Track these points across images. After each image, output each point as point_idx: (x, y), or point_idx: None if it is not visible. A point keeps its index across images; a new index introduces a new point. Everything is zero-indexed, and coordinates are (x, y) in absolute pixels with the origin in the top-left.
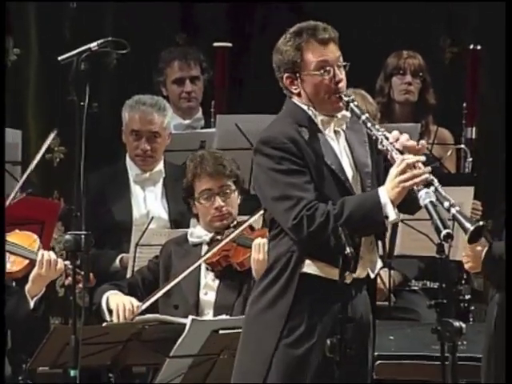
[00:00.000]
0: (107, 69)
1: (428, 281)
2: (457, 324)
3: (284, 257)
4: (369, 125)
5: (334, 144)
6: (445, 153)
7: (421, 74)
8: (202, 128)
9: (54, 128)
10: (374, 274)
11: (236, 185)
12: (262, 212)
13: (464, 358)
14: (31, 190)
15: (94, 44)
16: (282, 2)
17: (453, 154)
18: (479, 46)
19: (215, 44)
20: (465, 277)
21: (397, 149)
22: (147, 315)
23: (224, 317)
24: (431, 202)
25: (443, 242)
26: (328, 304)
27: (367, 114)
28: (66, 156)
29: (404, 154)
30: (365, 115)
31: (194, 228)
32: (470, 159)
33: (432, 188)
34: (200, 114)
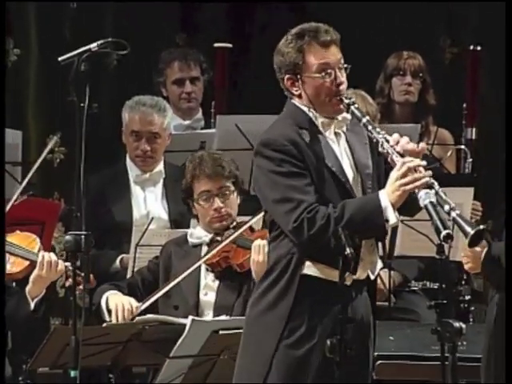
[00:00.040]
0: (107, 69)
1: (428, 281)
2: (457, 324)
3: (284, 259)
4: (369, 128)
5: (335, 146)
6: (445, 153)
7: (421, 74)
8: (202, 128)
9: (55, 129)
10: (375, 275)
11: (235, 186)
12: (262, 214)
13: (464, 358)
14: (32, 193)
15: (94, 45)
16: (282, 1)
17: (453, 154)
18: (479, 47)
19: (215, 44)
20: (465, 277)
21: (397, 152)
22: (147, 315)
23: (224, 317)
24: (431, 202)
25: (443, 243)
26: (328, 305)
27: (368, 117)
28: (66, 156)
29: (405, 157)
30: (365, 118)
31: (193, 229)
32: (470, 160)
33: (432, 191)
34: (200, 115)
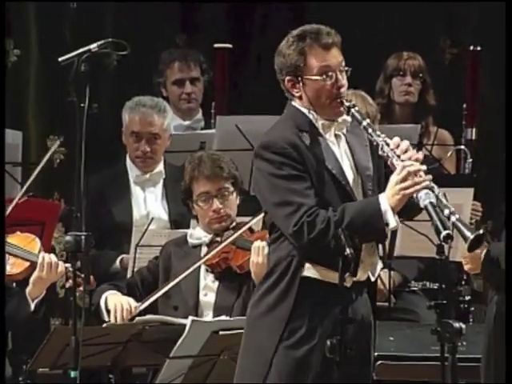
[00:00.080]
0: (107, 70)
1: (428, 282)
2: (456, 325)
3: (284, 261)
4: (370, 131)
5: (335, 148)
6: (445, 154)
7: (421, 75)
8: (202, 129)
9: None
10: (375, 276)
11: (234, 186)
12: (262, 215)
13: (464, 358)
14: (32, 193)
15: (94, 45)
16: (282, 1)
17: (453, 154)
18: (479, 47)
19: (215, 45)
20: (465, 278)
21: (397, 155)
22: (147, 316)
23: (224, 317)
24: (431, 202)
25: (443, 243)
26: (328, 307)
27: (368, 120)
28: (66, 157)
29: (405, 161)
30: (366, 121)
31: (193, 229)
32: (470, 160)
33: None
34: (200, 115)
